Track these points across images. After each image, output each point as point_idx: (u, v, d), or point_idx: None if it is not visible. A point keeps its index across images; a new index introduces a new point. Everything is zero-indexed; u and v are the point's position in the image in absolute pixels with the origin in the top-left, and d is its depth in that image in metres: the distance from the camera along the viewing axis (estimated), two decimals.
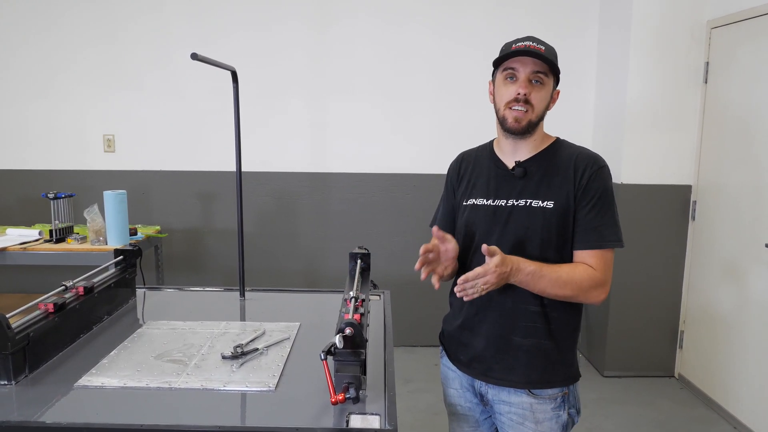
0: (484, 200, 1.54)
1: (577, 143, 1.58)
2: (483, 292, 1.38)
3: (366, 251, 1.95)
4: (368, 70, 3.96)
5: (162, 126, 4.02)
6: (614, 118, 3.67)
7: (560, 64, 1.50)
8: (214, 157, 4.00)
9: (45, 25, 3.93)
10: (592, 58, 3.93)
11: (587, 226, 1.45)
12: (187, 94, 3.98)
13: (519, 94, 1.44)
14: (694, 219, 3.57)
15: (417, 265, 1.44)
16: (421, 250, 1.43)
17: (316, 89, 3.99)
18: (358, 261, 1.91)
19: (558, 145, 1.55)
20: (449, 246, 1.49)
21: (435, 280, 1.47)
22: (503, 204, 1.51)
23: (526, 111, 1.45)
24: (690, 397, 3.49)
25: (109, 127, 4.03)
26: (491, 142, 1.65)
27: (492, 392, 1.55)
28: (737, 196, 3.16)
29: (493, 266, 1.35)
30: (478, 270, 1.36)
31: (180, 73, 3.94)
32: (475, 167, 1.62)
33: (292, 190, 4.08)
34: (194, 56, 1.75)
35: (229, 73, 2.03)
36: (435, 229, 1.47)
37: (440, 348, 1.73)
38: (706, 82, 3.43)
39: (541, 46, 1.45)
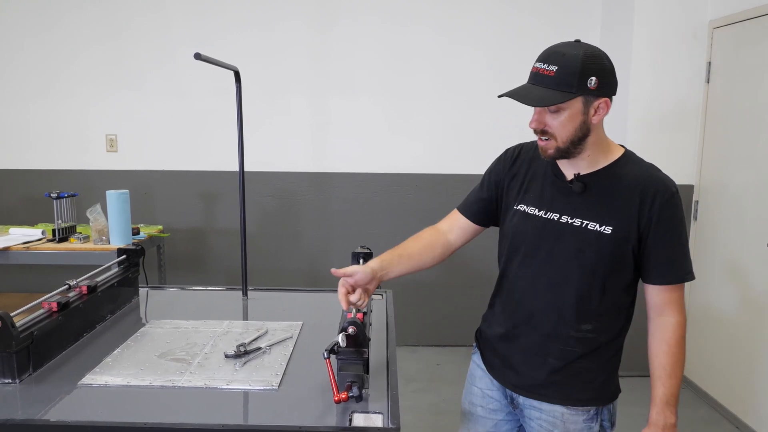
0: (536, 210, 1.42)
1: None
2: None
3: (368, 251, 1.95)
4: (370, 70, 3.96)
5: (164, 126, 4.02)
6: (616, 118, 3.66)
7: None
8: (217, 157, 4.01)
9: (47, 25, 3.93)
10: None
11: (664, 260, 1.35)
12: (190, 93, 3.98)
13: (531, 127, 1.36)
14: (696, 219, 3.56)
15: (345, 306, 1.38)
16: (343, 301, 1.37)
17: (318, 89, 3.99)
18: (361, 261, 1.91)
19: (625, 161, 1.39)
20: (357, 277, 1.39)
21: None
22: (555, 218, 1.39)
23: (548, 140, 1.33)
24: (692, 398, 3.48)
25: (112, 127, 4.04)
26: None
27: (523, 398, 1.50)
28: (740, 196, 3.15)
29: None
30: None
31: (182, 72, 3.95)
32: (530, 168, 1.47)
33: (294, 189, 4.09)
34: (197, 56, 1.76)
35: (231, 72, 2.04)
36: (333, 271, 1.39)
37: (474, 345, 1.66)
38: (708, 82, 3.43)
39: (553, 67, 1.27)
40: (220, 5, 3.91)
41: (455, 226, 1.60)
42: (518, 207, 1.46)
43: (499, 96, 1.37)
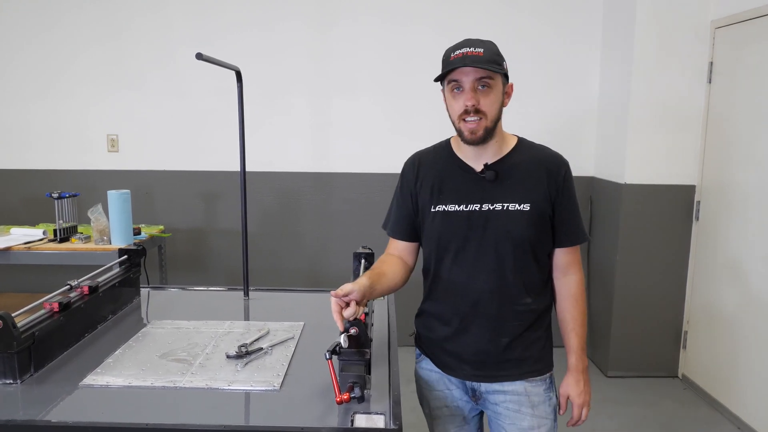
0: (456, 206, 1.49)
1: (581, 143, 1.58)
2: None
3: (370, 251, 1.96)
4: (370, 70, 3.96)
5: (165, 126, 4.03)
6: (618, 118, 3.66)
7: (562, 64, 1.49)
8: (218, 157, 4.01)
9: (47, 25, 3.93)
10: (596, 58, 3.92)
11: (569, 224, 1.53)
12: (190, 93, 3.98)
13: (468, 105, 1.41)
14: (697, 219, 3.56)
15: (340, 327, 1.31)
16: (338, 321, 1.31)
17: (319, 89, 3.99)
18: (362, 261, 1.92)
19: (522, 145, 1.54)
20: (353, 296, 1.33)
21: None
22: (477, 209, 1.47)
23: (480, 119, 1.41)
24: (693, 398, 3.48)
25: (113, 127, 4.04)
26: (448, 142, 1.61)
27: (485, 385, 1.54)
28: (741, 197, 3.15)
29: (582, 402, 1.56)
30: (576, 412, 1.57)
31: (183, 72, 3.95)
32: (436, 171, 1.56)
33: (295, 189, 4.09)
34: (199, 56, 1.75)
35: (232, 72, 2.04)
36: (333, 293, 1.33)
37: (416, 352, 1.69)
38: (710, 83, 3.43)
39: (479, 49, 1.40)
40: (220, 5, 3.91)
41: (399, 250, 1.65)
42: (437, 209, 1.52)
43: (436, 79, 1.46)
